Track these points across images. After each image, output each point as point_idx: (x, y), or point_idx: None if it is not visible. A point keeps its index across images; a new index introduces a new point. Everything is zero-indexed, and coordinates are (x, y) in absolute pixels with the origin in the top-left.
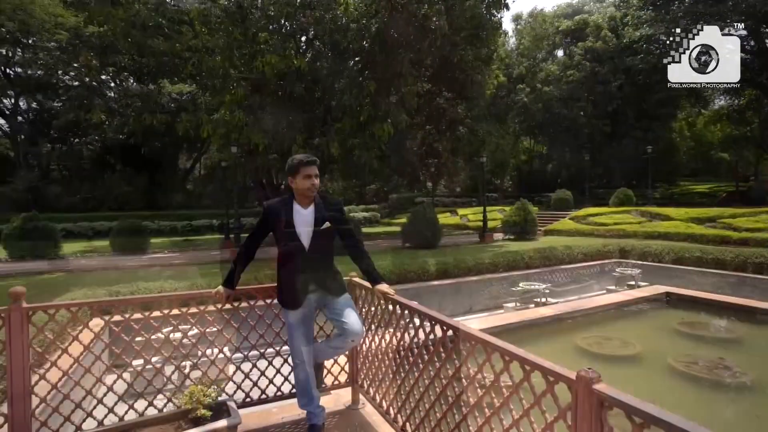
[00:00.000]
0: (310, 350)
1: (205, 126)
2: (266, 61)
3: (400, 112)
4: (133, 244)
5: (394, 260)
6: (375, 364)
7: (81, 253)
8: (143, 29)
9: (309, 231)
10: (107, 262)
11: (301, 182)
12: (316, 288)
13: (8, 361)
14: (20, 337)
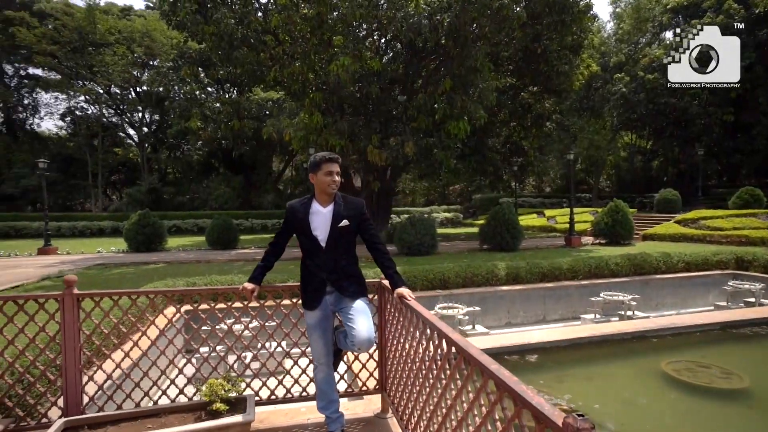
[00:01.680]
0: (329, 353)
1: (287, 129)
2: (340, 63)
3: (477, 109)
4: (225, 240)
5: (462, 262)
6: (399, 373)
7: (182, 247)
8: (230, 42)
9: (326, 230)
10: (201, 255)
11: (322, 178)
12: (332, 289)
13: (62, 339)
14: (72, 318)
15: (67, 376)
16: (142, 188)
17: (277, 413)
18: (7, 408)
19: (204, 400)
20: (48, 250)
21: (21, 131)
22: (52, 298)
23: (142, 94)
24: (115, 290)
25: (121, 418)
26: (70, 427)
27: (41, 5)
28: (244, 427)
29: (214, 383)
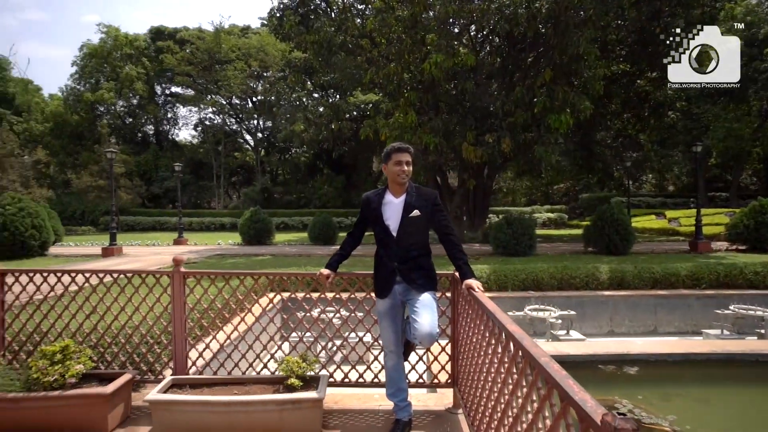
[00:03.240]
0: (398, 341)
1: (382, 129)
2: (433, 61)
3: (581, 100)
4: (325, 236)
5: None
6: (468, 369)
7: (288, 242)
8: (329, 48)
9: (397, 220)
10: (303, 249)
11: (393, 168)
12: (401, 279)
13: (172, 309)
14: (179, 292)
15: (175, 342)
16: (256, 188)
17: (351, 396)
18: (134, 362)
19: (282, 375)
20: (181, 241)
21: (165, 141)
22: (165, 274)
23: (257, 102)
24: (212, 271)
25: (215, 383)
26: (176, 384)
27: (182, 34)
28: (315, 403)
29: (290, 360)
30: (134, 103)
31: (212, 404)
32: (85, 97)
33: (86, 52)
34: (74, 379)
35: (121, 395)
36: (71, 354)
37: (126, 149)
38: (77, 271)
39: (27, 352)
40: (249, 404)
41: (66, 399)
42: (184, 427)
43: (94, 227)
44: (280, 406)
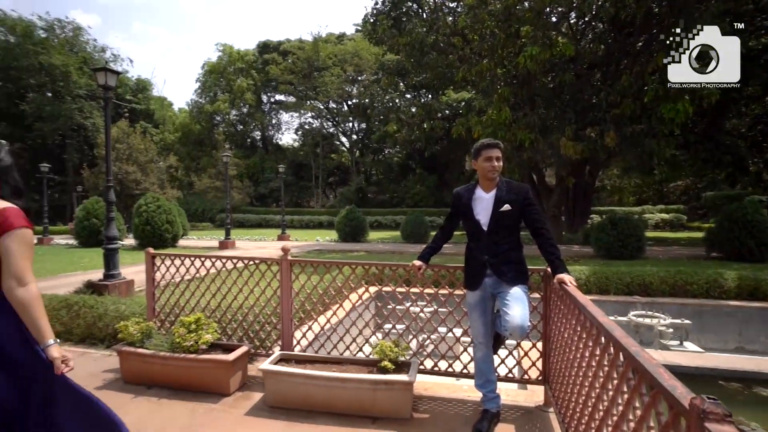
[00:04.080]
0: (488, 333)
1: (475, 127)
2: (528, 54)
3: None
4: (417, 235)
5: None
6: (560, 367)
7: (381, 239)
8: (421, 49)
9: (488, 214)
10: (395, 247)
11: (483, 164)
12: (491, 273)
13: (281, 293)
14: (286, 278)
15: (283, 322)
16: (351, 188)
17: (440, 385)
18: (249, 338)
19: (375, 358)
20: (284, 237)
21: (270, 145)
22: (275, 262)
23: (352, 106)
24: (315, 260)
25: (316, 360)
26: (283, 358)
27: (284, 45)
28: (406, 386)
29: (383, 344)
30: (244, 111)
31: (315, 378)
32: (205, 109)
33: (207, 69)
34: (205, 346)
35: (239, 364)
36: (202, 325)
37: (237, 153)
38: (206, 257)
39: (170, 321)
40: (346, 381)
41: (199, 362)
42: (290, 395)
43: (211, 223)
44: (374, 386)
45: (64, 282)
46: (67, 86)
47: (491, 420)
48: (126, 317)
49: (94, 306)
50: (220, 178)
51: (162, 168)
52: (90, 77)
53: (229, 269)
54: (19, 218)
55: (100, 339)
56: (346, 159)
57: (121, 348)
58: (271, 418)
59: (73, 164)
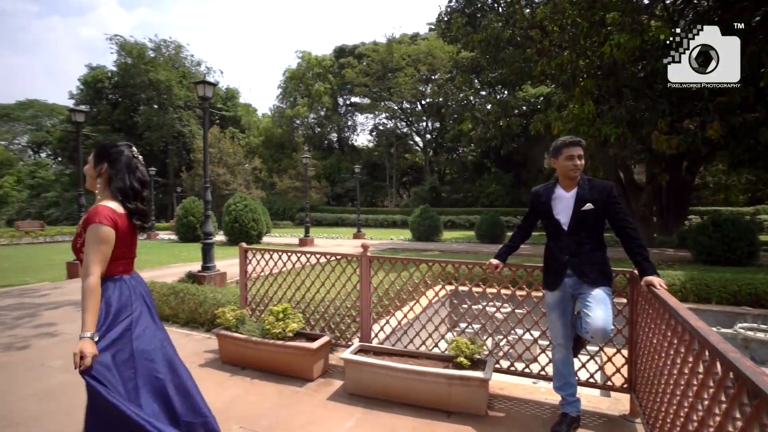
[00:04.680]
0: (567, 335)
1: (554, 123)
2: (615, 42)
3: None
4: (492, 234)
5: None
6: (649, 375)
7: (455, 239)
8: (497, 45)
9: (569, 214)
10: (469, 247)
11: (563, 163)
12: (572, 273)
13: (360, 287)
14: (365, 273)
15: (362, 315)
16: (425, 187)
17: (516, 386)
18: (330, 329)
19: (451, 353)
20: (359, 236)
21: (346, 146)
22: (354, 258)
23: (425, 105)
24: (392, 256)
25: (393, 353)
26: (362, 349)
27: (359, 49)
28: (482, 383)
29: (459, 341)
30: (322, 114)
31: (393, 369)
32: (286, 113)
33: (287, 75)
34: (291, 334)
35: (322, 352)
36: (289, 314)
37: (315, 155)
38: (292, 252)
39: (260, 310)
40: (422, 374)
41: (286, 348)
42: (369, 384)
43: (291, 222)
44: (449, 380)
45: (169, 272)
46: (169, 98)
47: (570, 424)
48: (222, 305)
49: (196, 294)
50: (300, 179)
51: (248, 170)
52: (188, 89)
53: (313, 264)
54: (100, 215)
55: (200, 323)
56: (419, 158)
57: (219, 332)
58: (350, 404)
59: (173, 168)
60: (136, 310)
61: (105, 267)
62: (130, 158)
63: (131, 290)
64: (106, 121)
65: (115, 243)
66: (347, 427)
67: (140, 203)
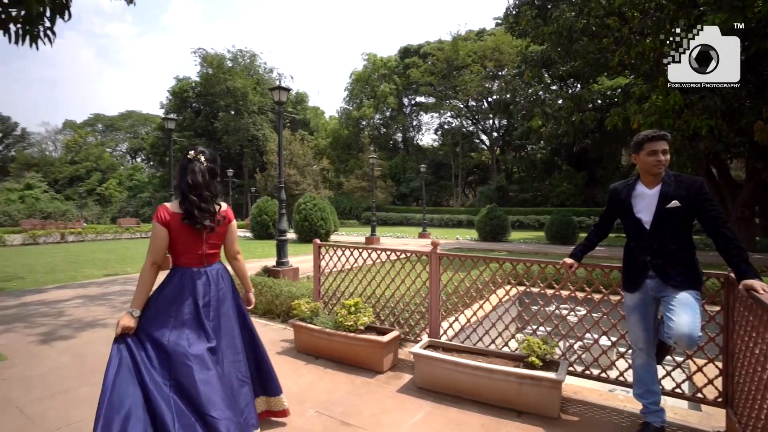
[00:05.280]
0: (649, 339)
1: (634, 117)
2: (708, 23)
3: None
4: (563, 236)
5: None
6: (751, 389)
7: (523, 239)
8: (569, 36)
9: (651, 212)
10: (539, 248)
11: (646, 158)
12: (654, 274)
13: (429, 284)
14: (435, 270)
15: (431, 312)
16: (491, 186)
17: (592, 391)
18: (399, 324)
19: (522, 353)
20: (425, 235)
21: (411, 146)
22: (424, 255)
23: (492, 103)
24: (462, 254)
25: (462, 350)
26: (431, 345)
27: (424, 48)
28: (554, 385)
29: (531, 340)
30: (387, 115)
31: (462, 366)
32: (352, 115)
33: (354, 78)
34: (362, 327)
35: (391, 346)
36: (360, 308)
37: (381, 155)
38: (363, 248)
39: (332, 303)
40: (492, 372)
41: (358, 340)
42: (437, 378)
43: (357, 221)
44: (520, 380)
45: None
46: (245, 104)
47: None
48: (297, 298)
49: (273, 287)
50: (366, 179)
51: (316, 170)
52: (261, 95)
53: (383, 261)
54: (155, 213)
55: (276, 314)
56: (486, 157)
57: (295, 322)
58: (419, 397)
59: (248, 169)
60: (176, 313)
61: (158, 257)
62: (187, 162)
63: (185, 287)
64: (191, 127)
65: (170, 238)
66: (416, 419)
67: (188, 205)
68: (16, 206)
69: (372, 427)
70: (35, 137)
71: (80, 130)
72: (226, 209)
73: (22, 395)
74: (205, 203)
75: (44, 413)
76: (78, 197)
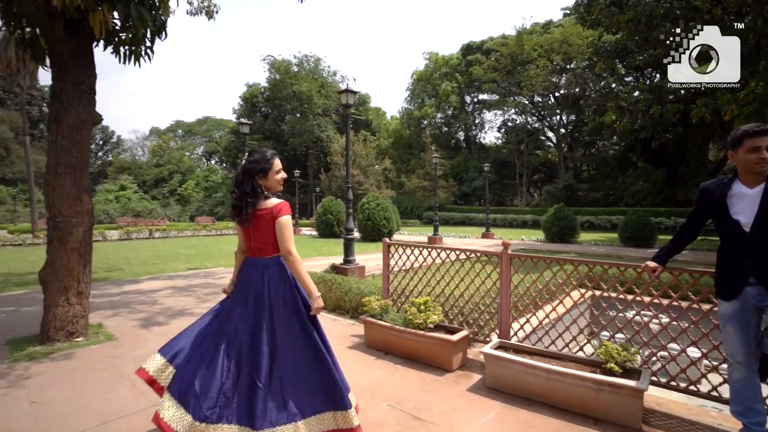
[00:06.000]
0: (749, 352)
1: (726, 107)
2: None
3: None
4: (639, 237)
5: None
6: None
7: (594, 241)
8: (649, 23)
9: (752, 213)
10: (611, 250)
11: (745, 156)
12: (756, 281)
13: (500, 285)
14: (505, 271)
15: (501, 313)
16: (558, 185)
17: (677, 404)
18: (468, 323)
19: (600, 359)
20: (487, 235)
21: (473, 144)
22: (494, 255)
23: (559, 98)
24: (534, 255)
25: (534, 352)
26: (502, 346)
27: (487, 44)
28: (636, 394)
29: (609, 346)
30: (449, 114)
31: (535, 368)
32: (414, 115)
33: (415, 78)
34: (431, 325)
35: (461, 345)
36: (429, 307)
37: (443, 154)
38: (432, 248)
39: (400, 301)
40: (567, 376)
41: (427, 338)
42: (509, 380)
43: (419, 220)
44: (598, 386)
45: (313, 264)
46: (310, 107)
47: None
48: (365, 295)
49: (342, 284)
50: (427, 179)
51: (378, 171)
52: (325, 98)
53: (452, 260)
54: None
55: (345, 310)
56: (552, 155)
57: (365, 318)
58: (489, 397)
59: (312, 170)
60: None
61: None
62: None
63: (243, 274)
64: (260, 130)
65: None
66: (487, 419)
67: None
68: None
69: (444, 424)
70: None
71: (164, 135)
72: (275, 206)
73: (131, 371)
74: (236, 200)
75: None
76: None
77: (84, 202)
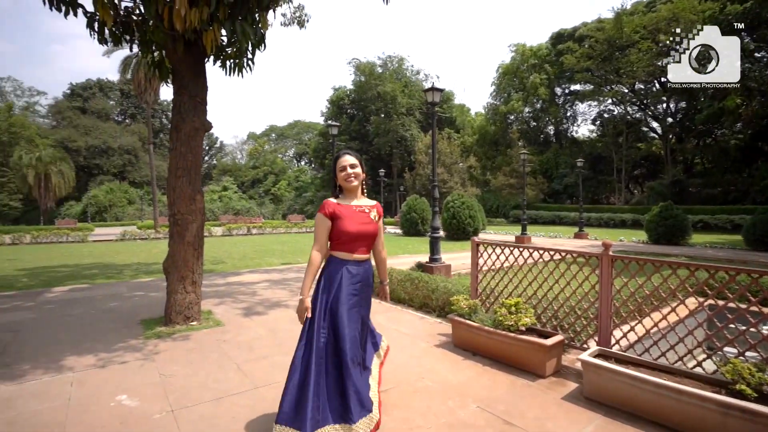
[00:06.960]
0: None
1: None
2: None
3: None
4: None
5: None
6: None
7: (710, 243)
8: None
9: None
10: (733, 254)
11: None
12: None
13: (600, 288)
14: (606, 274)
15: (601, 318)
16: (664, 181)
17: None
18: (563, 328)
19: (725, 378)
20: (581, 235)
21: (564, 139)
22: (594, 256)
23: (666, 83)
24: (641, 257)
25: (640, 363)
26: (602, 354)
27: (580, 31)
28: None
29: (738, 364)
30: (537, 107)
31: (643, 381)
32: (500, 110)
33: (501, 71)
34: (523, 327)
35: (555, 350)
36: (521, 308)
37: (531, 150)
38: (524, 247)
39: (489, 302)
40: (683, 393)
41: (518, 341)
42: (611, 391)
43: (505, 219)
44: (725, 410)
45: (399, 261)
46: (394, 107)
47: None
48: (452, 294)
49: (429, 282)
50: (514, 176)
51: (463, 168)
52: (409, 97)
53: (545, 260)
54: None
55: (432, 308)
56: (657, 147)
57: (453, 317)
58: (588, 409)
59: (397, 169)
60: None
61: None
62: None
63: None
64: (346, 131)
65: None
66: (587, 431)
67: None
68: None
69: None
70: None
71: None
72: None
73: (237, 356)
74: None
75: (253, 372)
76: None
77: (197, 201)
